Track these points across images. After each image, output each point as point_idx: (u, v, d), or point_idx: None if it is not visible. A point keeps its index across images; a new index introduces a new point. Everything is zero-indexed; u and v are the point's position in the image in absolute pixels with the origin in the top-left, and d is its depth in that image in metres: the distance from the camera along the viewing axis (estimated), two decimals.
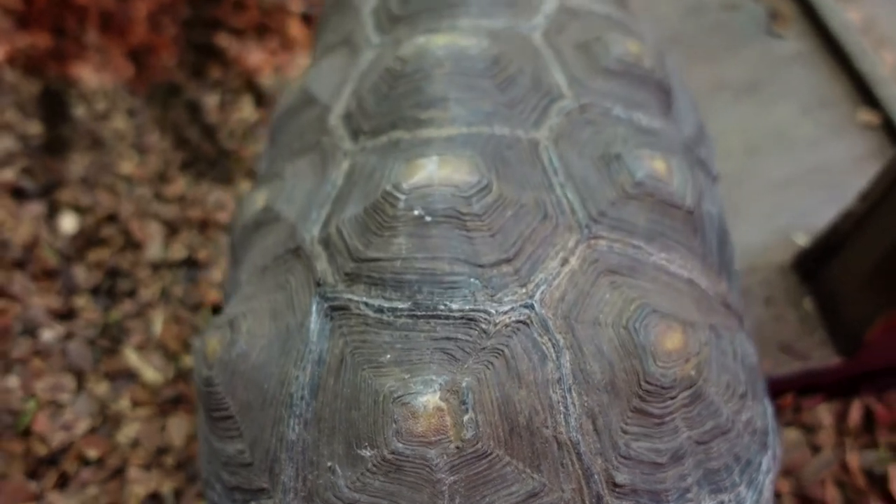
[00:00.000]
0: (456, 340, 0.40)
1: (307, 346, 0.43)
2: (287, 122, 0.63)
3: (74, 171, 0.93)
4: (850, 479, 0.74)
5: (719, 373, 0.45)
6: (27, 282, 0.78)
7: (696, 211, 0.50)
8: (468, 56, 0.51)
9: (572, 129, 0.51)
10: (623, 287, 0.43)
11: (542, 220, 0.44)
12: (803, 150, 0.89)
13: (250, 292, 0.50)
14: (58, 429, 0.70)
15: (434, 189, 0.43)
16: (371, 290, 0.42)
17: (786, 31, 1.00)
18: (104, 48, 1.15)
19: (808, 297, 0.77)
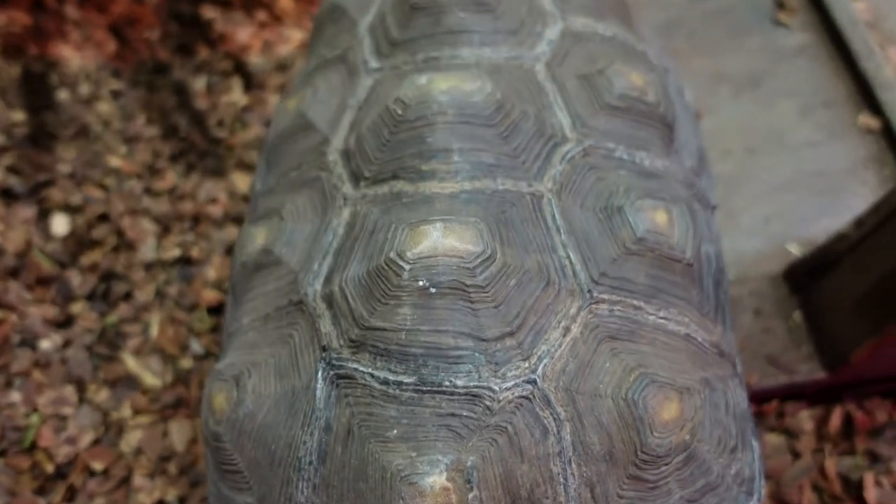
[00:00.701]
0: (461, 417, 0.41)
1: (314, 412, 0.44)
2: (284, 147, 0.62)
3: (62, 166, 0.91)
4: (827, 485, 0.78)
5: (712, 429, 0.47)
6: (23, 291, 0.78)
7: (695, 263, 0.51)
8: (471, 103, 0.50)
9: (575, 177, 0.51)
10: (622, 354, 0.45)
11: (545, 287, 0.45)
12: (802, 153, 0.89)
13: (253, 340, 0.51)
14: (62, 442, 0.71)
15: (438, 259, 0.43)
16: (376, 360, 0.43)
17: (791, 21, 0.98)
18: (84, 22, 1.11)
19: (797, 310, 0.78)
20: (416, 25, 0.58)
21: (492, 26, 0.57)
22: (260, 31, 1.16)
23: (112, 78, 1.06)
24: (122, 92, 1.05)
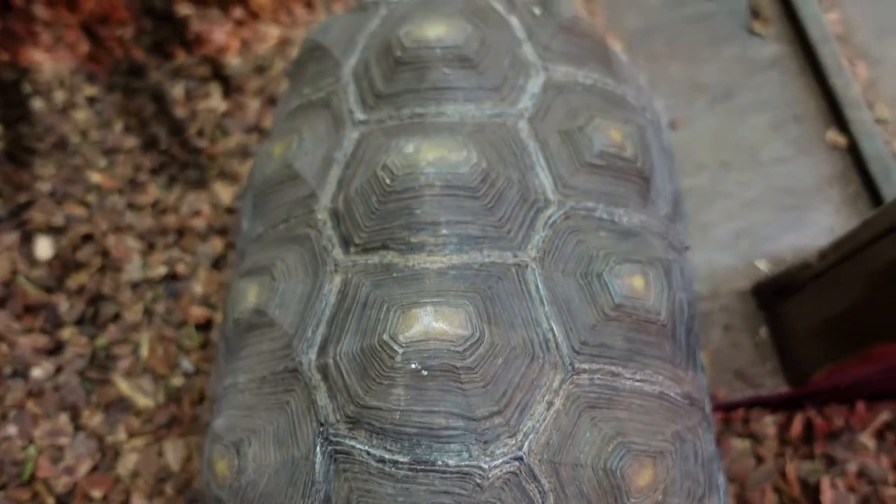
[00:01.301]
0: (453, 495, 0.44)
1: (314, 484, 0.46)
2: (271, 195, 0.62)
3: (42, 185, 0.90)
4: (787, 488, 0.83)
5: (682, 482, 0.51)
6: (11, 321, 0.78)
7: (668, 320, 0.53)
8: (458, 175, 0.51)
9: (557, 241, 0.52)
10: (601, 423, 0.47)
11: (530, 363, 0.47)
12: (772, 169, 0.91)
13: (250, 402, 0.53)
14: (61, 472, 0.73)
15: (430, 343, 0.45)
16: (372, 438, 0.45)
17: (765, 32, 0.99)
18: (54, 22, 1.07)
19: (763, 325, 0.82)
20: (401, 80, 0.58)
21: (475, 82, 0.57)
22: (237, 28, 1.13)
23: (87, 83, 1.04)
24: (98, 98, 1.03)
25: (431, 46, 0.57)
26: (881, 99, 0.91)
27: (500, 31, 0.60)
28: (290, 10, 1.18)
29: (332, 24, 0.68)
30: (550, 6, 0.64)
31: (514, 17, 0.62)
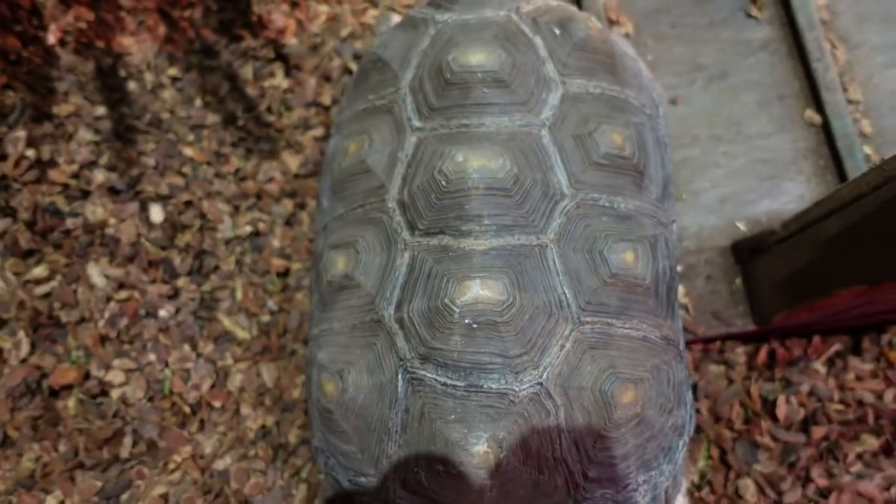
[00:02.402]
0: (495, 408, 0.62)
1: (397, 400, 0.65)
2: (348, 183, 0.78)
3: (146, 159, 1.07)
4: (751, 404, 1.02)
5: (657, 399, 0.69)
6: (140, 273, 0.98)
7: (651, 284, 0.70)
8: (496, 179, 0.67)
9: (570, 226, 0.69)
10: (598, 359, 0.65)
11: (548, 318, 0.64)
12: (755, 143, 1.05)
13: (345, 342, 0.71)
14: (190, 389, 0.94)
15: (478, 306, 0.62)
16: (438, 370, 0.64)
17: (760, 15, 1.10)
18: (136, 9, 1.21)
19: (738, 277, 0.99)
20: (449, 96, 0.73)
21: (508, 98, 0.72)
22: (292, 10, 1.26)
23: (168, 64, 1.18)
24: (179, 77, 1.18)
25: (473, 71, 0.72)
26: (855, 81, 1.03)
27: (527, 53, 0.74)
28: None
29: (390, 40, 0.82)
30: (568, 27, 0.77)
31: (538, 38, 0.76)
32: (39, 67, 1.09)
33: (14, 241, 0.98)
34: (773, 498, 0.98)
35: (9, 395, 0.90)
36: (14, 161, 1.00)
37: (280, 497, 0.90)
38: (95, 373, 0.91)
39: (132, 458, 0.89)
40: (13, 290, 0.95)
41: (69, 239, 0.98)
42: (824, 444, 1.01)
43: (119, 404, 0.91)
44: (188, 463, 0.89)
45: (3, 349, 0.93)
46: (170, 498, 0.87)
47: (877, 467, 1.01)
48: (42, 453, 0.88)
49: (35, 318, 0.95)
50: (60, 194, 1.00)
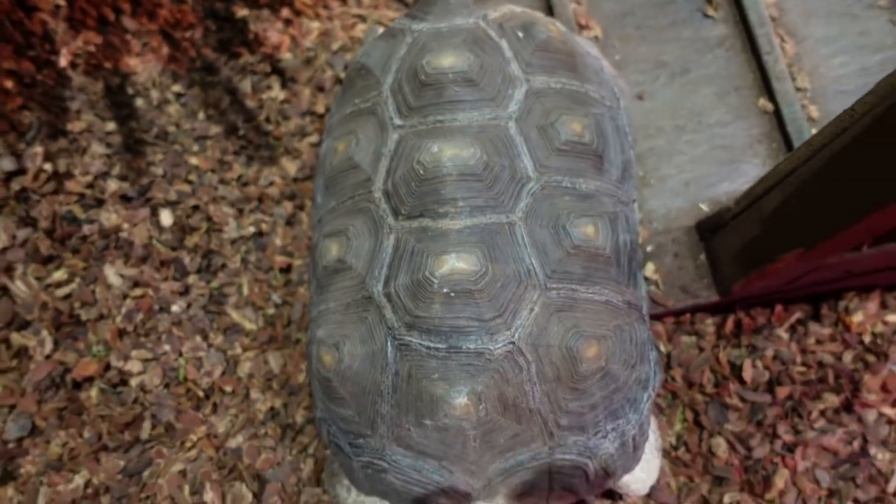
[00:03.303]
0: (473, 366, 0.70)
1: (387, 365, 0.73)
2: (339, 179, 0.86)
3: (155, 168, 1.16)
4: (720, 369, 1.10)
5: (620, 355, 0.76)
6: (153, 272, 1.06)
7: (612, 253, 0.78)
8: (468, 166, 0.74)
9: (536, 206, 0.76)
10: (564, 320, 0.73)
11: (518, 285, 0.72)
12: (715, 131, 1.13)
13: (340, 319, 0.79)
14: (203, 375, 1.02)
15: (454, 276, 0.70)
16: (422, 335, 0.72)
17: (716, 15, 1.18)
18: (139, 31, 1.30)
19: (702, 253, 1.06)
20: (425, 96, 0.81)
21: (477, 95, 0.80)
22: (286, 27, 1.35)
23: (172, 82, 1.27)
24: (183, 93, 1.27)
25: (445, 72, 0.80)
26: (802, 71, 1.11)
27: (494, 54, 0.82)
28: (327, 4, 1.39)
29: (372, 49, 0.91)
30: (530, 30, 0.86)
31: (504, 41, 0.85)
32: (53, 88, 1.18)
33: (35, 249, 1.06)
34: (744, 454, 1.06)
35: (35, 389, 0.98)
36: (33, 174, 1.08)
37: (289, 471, 0.97)
38: (115, 364, 0.99)
39: (152, 440, 0.96)
40: (36, 293, 1.03)
41: (86, 244, 1.07)
42: (789, 404, 1.08)
43: (138, 392, 0.99)
44: (203, 442, 0.97)
45: (28, 347, 1.00)
46: (187, 473, 0.94)
47: (839, 423, 1.09)
48: (68, 439, 0.96)
49: (57, 318, 1.03)
50: (77, 203, 1.09)
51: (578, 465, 0.76)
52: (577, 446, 0.75)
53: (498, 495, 0.77)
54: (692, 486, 1.05)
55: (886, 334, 1.14)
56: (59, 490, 0.89)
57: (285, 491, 0.95)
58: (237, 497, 0.92)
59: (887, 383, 1.11)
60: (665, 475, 1.06)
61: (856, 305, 1.13)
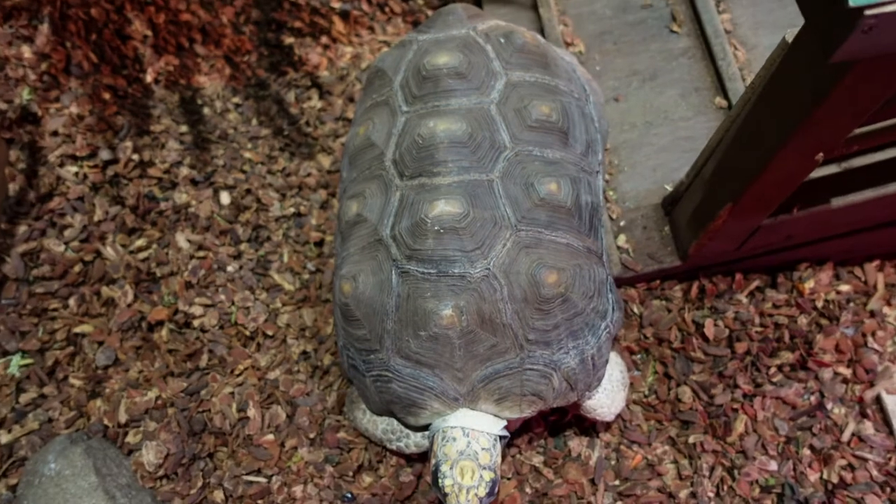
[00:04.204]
0: (457, 286, 0.86)
1: (392, 288, 0.90)
2: (359, 156, 1.05)
3: (218, 160, 1.38)
4: (685, 327, 1.23)
5: (579, 287, 0.91)
6: (214, 239, 1.26)
7: (573, 206, 0.94)
8: (456, 136, 0.92)
9: (511, 168, 0.94)
10: (531, 254, 0.89)
11: (494, 226, 0.89)
12: (678, 125, 1.28)
13: (357, 259, 0.97)
14: (249, 321, 1.21)
15: (443, 216, 0.87)
16: (418, 264, 0.89)
17: (680, 30, 1.36)
18: (209, 56, 1.54)
19: (666, 225, 1.21)
20: (426, 87, 1.00)
21: (466, 86, 0.99)
22: (324, 51, 1.57)
23: (232, 95, 1.50)
24: (240, 104, 1.49)
25: (441, 68, 0.99)
26: (751, 73, 1.27)
27: (480, 55, 1.01)
28: (358, 33, 1.61)
29: (387, 56, 1.11)
30: (510, 37, 1.04)
31: (489, 46, 1.03)
32: (140, 99, 1.42)
33: (122, 222, 1.28)
34: (706, 400, 1.18)
35: (119, 330, 1.18)
36: (123, 163, 1.31)
37: (316, 400, 1.15)
38: (181, 308, 1.19)
39: (208, 368, 1.15)
40: (121, 256, 1.25)
41: (162, 217, 1.28)
42: (748, 358, 1.20)
43: (198, 331, 1.18)
44: (248, 372, 1.15)
45: (114, 298, 1.21)
46: (235, 395, 1.12)
47: (795, 378, 1.20)
48: (143, 368, 1.15)
49: (137, 275, 1.24)
50: (156, 185, 1.31)
51: (545, 374, 0.91)
52: (543, 358, 0.90)
53: (479, 399, 0.92)
54: (661, 427, 1.18)
55: (839, 301, 1.25)
56: (135, 401, 1.08)
57: (312, 415, 1.12)
58: (274, 416, 1.10)
59: (840, 344, 1.22)
60: (637, 419, 1.19)
61: (809, 274, 1.25)
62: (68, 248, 1.24)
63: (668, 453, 1.15)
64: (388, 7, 1.64)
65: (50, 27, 1.41)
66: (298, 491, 1.05)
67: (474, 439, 0.89)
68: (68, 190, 1.29)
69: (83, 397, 1.11)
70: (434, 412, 0.92)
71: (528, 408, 0.92)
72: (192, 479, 1.05)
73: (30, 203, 1.28)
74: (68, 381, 1.13)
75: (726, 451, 1.14)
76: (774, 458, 1.14)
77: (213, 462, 1.07)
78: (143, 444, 1.05)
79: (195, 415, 1.09)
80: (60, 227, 1.26)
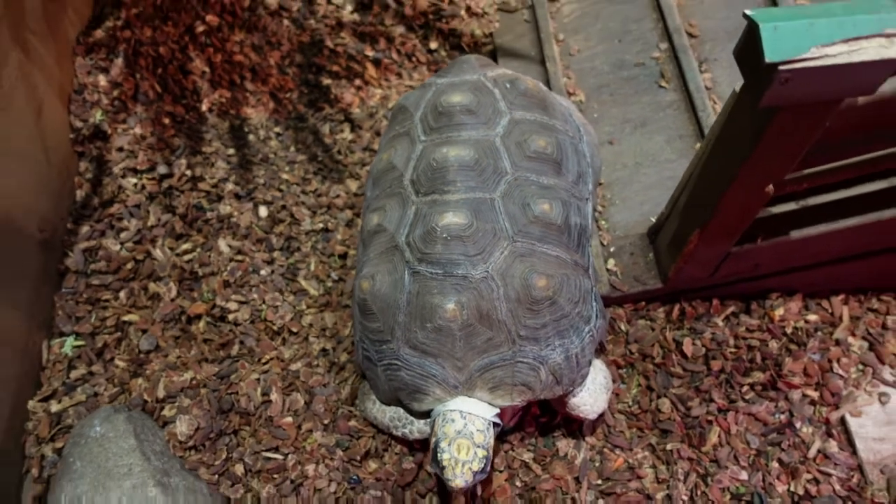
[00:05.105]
0: (460, 285, 0.98)
1: (405, 286, 1.02)
2: (382, 177, 1.18)
3: (259, 179, 1.52)
4: (667, 344, 1.32)
5: (566, 293, 1.02)
6: (251, 246, 1.40)
7: (563, 225, 1.06)
8: (465, 161, 1.05)
9: (510, 190, 1.06)
10: (525, 261, 1.00)
11: (493, 236, 1.01)
12: (664, 166, 1.41)
13: (376, 262, 1.09)
14: (278, 318, 1.32)
15: (451, 226, 0.99)
16: (428, 266, 1.00)
17: (667, 86, 1.50)
18: (256, 92, 1.71)
19: (650, 252, 1.33)
20: (441, 120, 1.14)
21: (476, 120, 1.12)
22: (357, 91, 1.74)
23: (274, 126, 1.66)
24: (281, 133, 1.65)
25: (455, 105, 1.12)
26: None
27: (488, 96, 1.15)
28: (388, 78, 1.77)
29: (410, 95, 1.25)
30: (515, 83, 1.19)
31: (496, 89, 1.17)
32: (195, 125, 1.58)
33: (172, 228, 1.42)
34: (683, 412, 1.26)
35: (161, 321, 1.31)
36: (177, 177, 1.46)
37: (332, 391, 1.25)
38: (218, 304, 1.31)
39: (238, 357, 1.26)
40: (169, 257, 1.38)
41: (207, 225, 1.42)
42: (723, 376, 1.29)
43: (232, 325, 1.30)
44: (273, 362, 1.26)
45: (159, 293, 1.34)
46: (260, 381, 1.23)
47: (766, 397, 1.28)
48: (181, 354, 1.27)
49: (181, 275, 1.37)
50: (204, 198, 1.45)
51: (534, 367, 1.01)
52: (532, 353, 1.01)
53: (476, 388, 1.02)
54: (643, 435, 1.26)
55: (807, 329, 1.34)
56: (173, 380, 1.19)
57: (328, 403, 1.22)
58: (293, 401, 1.20)
59: (807, 368, 1.31)
60: (621, 426, 1.27)
61: (779, 303, 1.35)
62: (123, 247, 1.38)
63: (648, 458, 1.22)
64: (414, 57, 1.81)
65: (123, 61, 1.59)
66: (311, 469, 1.14)
67: (471, 422, 0.99)
68: (127, 198, 1.44)
69: (126, 376, 1.22)
70: (436, 398, 1.02)
71: (519, 396, 1.02)
72: (217, 451, 1.15)
73: (93, 207, 1.43)
74: (114, 362, 1.25)
75: (700, 459, 1.22)
76: (745, 469, 1.21)
77: (237, 438, 1.17)
78: (177, 418, 1.15)
79: (224, 396, 1.20)
80: (118, 230, 1.40)
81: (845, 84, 0.67)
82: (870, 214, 1.09)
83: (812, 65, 0.63)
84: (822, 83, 0.66)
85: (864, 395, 1.28)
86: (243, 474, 1.13)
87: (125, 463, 0.97)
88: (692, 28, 1.55)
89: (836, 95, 0.69)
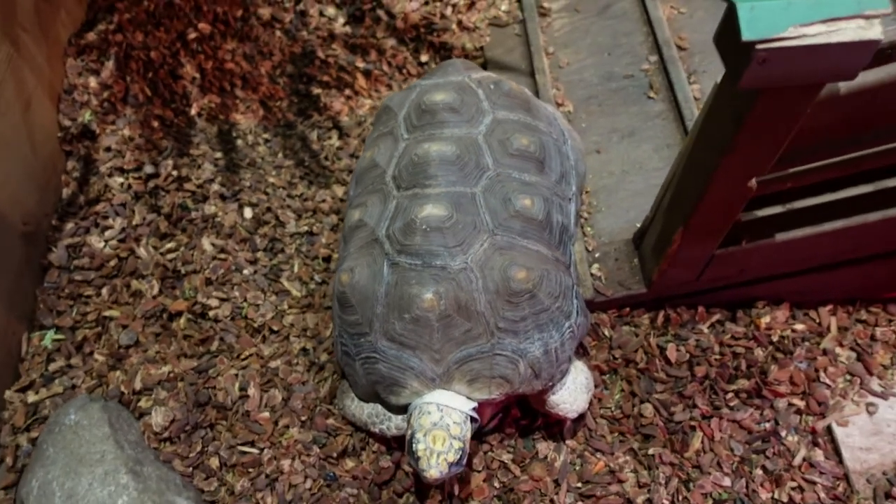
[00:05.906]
0: (438, 275, 1.02)
1: (383, 277, 1.06)
2: (365, 174, 1.24)
3: (245, 182, 1.58)
4: (650, 350, 1.35)
5: (546, 287, 1.06)
6: (234, 245, 1.44)
7: (544, 221, 1.11)
8: (447, 156, 1.11)
9: (492, 185, 1.11)
10: (504, 255, 1.04)
11: (474, 229, 1.05)
12: (651, 174, 1.47)
13: (356, 255, 1.13)
14: (258, 316, 1.36)
15: (430, 218, 1.04)
16: (407, 257, 1.04)
17: (656, 97, 1.57)
18: (246, 99, 1.78)
19: (636, 257, 1.37)
20: (424, 118, 1.20)
21: (459, 118, 1.18)
22: (347, 101, 1.81)
23: (263, 132, 1.73)
24: (269, 139, 1.71)
25: (438, 103, 1.19)
26: None
27: (472, 95, 1.21)
28: (378, 89, 1.85)
29: (395, 96, 1.31)
30: (499, 84, 1.25)
31: (480, 90, 1.24)
32: (184, 128, 1.64)
33: (157, 227, 1.46)
34: (666, 416, 1.29)
35: (142, 317, 1.34)
36: (164, 177, 1.51)
37: (311, 389, 1.28)
38: (199, 300, 1.35)
39: (217, 352, 1.29)
40: (152, 255, 1.42)
41: (191, 224, 1.47)
42: (707, 382, 1.31)
43: (212, 322, 1.34)
44: (252, 358, 1.29)
45: (141, 290, 1.38)
46: (239, 377, 1.26)
47: (751, 405, 1.31)
48: (160, 349, 1.30)
49: (164, 273, 1.41)
50: (190, 198, 1.50)
51: (512, 360, 1.04)
52: (511, 346, 1.04)
53: (454, 380, 1.05)
54: (624, 439, 1.28)
55: (794, 338, 1.38)
56: (150, 373, 1.22)
57: (306, 401, 1.25)
58: (271, 397, 1.23)
59: (794, 377, 1.34)
60: (603, 430, 1.30)
61: (766, 312, 1.39)
62: (107, 245, 1.43)
63: (629, 463, 1.24)
64: (405, 69, 1.88)
65: (114, 64, 1.66)
66: (286, 465, 1.16)
67: (447, 414, 1.01)
68: (113, 197, 1.49)
69: (105, 369, 1.25)
70: (413, 391, 1.05)
71: (497, 390, 1.05)
72: (193, 444, 1.17)
73: (79, 205, 1.48)
74: (93, 356, 1.28)
75: (683, 465, 1.24)
76: (728, 475, 1.23)
77: (213, 432, 1.20)
78: (153, 409, 1.18)
79: (201, 389, 1.23)
80: (103, 228, 1.45)
81: (825, 67, 0.68)
82: (854, 217, 1.13)
83: (790, 44, 0.65)
84: (800, 65, 0.67)
85: (852, 405, 1.31)
86: (218, 468, 1.15)
87: (98, 450, 0.99)
88: (681, 41, 1.63)
89: (816, 78, 0.72)
